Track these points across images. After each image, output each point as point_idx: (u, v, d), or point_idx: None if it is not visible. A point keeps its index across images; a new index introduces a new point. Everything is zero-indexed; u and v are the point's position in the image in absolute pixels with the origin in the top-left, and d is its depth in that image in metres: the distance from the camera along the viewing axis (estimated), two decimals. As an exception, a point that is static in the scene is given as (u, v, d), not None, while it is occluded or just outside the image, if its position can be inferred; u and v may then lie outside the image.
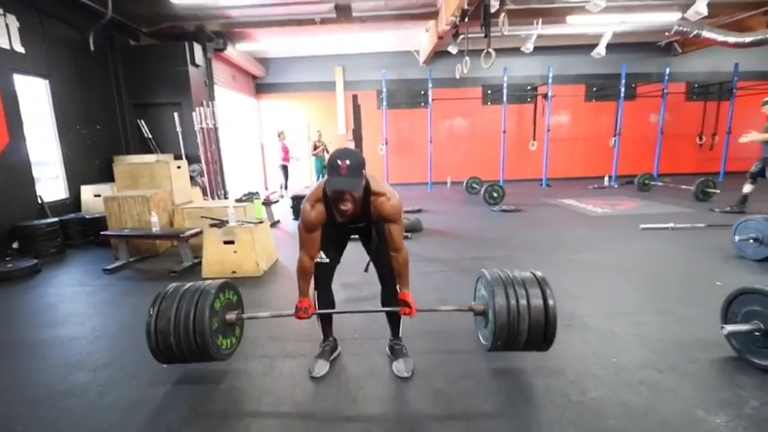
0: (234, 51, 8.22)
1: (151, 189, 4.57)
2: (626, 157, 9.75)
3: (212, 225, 3.59)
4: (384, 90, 9.16)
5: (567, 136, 10.40)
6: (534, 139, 9.83)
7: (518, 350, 1.84)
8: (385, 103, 9.20)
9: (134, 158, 6.10)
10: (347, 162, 1.56)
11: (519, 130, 10.27)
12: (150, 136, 6.65)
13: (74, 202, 5.47)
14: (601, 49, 8.28)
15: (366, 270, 2.10)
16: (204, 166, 6.44)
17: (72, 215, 5.02)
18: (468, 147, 10.58)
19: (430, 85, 9.01)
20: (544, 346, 1.82)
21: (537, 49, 8.30)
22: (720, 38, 7.85)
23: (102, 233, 4.08)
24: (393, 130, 9.97)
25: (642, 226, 5.07)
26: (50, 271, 3.99)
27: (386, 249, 1.87)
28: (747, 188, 5.76)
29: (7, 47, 4.56)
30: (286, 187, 9.10)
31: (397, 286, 1.93)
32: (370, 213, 1.78)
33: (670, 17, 7.59)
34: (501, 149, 9.28)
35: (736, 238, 3.72)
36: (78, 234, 4.90)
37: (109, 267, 3.84)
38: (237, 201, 4.36)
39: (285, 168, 9.12)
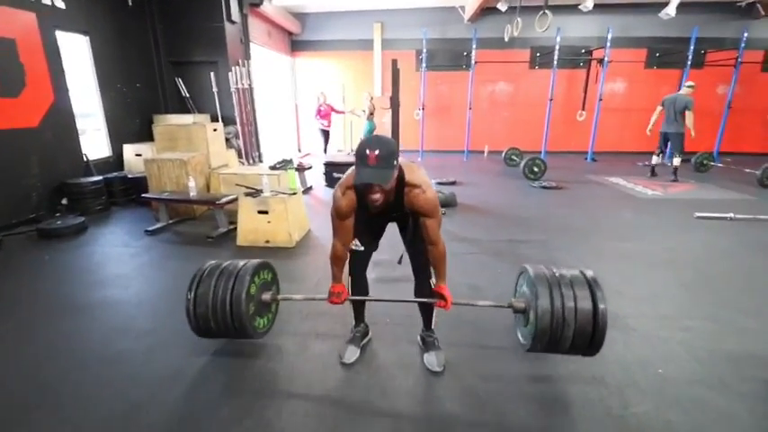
0: (270, 6, 7.93)
1: (188, 152, 4.62)
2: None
3: (247, 194, 3.60)
4: (424, 50, 8.67)
5: (620, 106, 9.60)
6: (583, 109, 9.14)
7: (560, 353, 1.76)
8: (424, 64, 8.73)
9: (172, 119, 6.16)
10: (376, 152, 1.43)
11: (567, 97, 9.55)
12: (188, 95, 6.67)
13: (117, 160, 5.65)
14: (671, 9, 7.35)
15: (399, 262, 2.03)
16: (239, 128, 6.43)
17: (115, 174, 5.19)
18: (509, 114, 10.00)
19: (474, 46, 8.43)
20: (589, 352, 1.71)
21: (596, 7, 7.48)
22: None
23: (142, 195, 4.19)
24: (431, 93, 9.53)
25: (697, 214, 4.61)
26: (96, 229, 4.19)
27: (421, 240, 1.78)
28: None
29: (49, 2, 4.56)
30: (325, 151, 8.90)
31: (436, 280, 1.84)
32: (404, 205, 1.68)
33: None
34: (546, 119, 8.73)
35: (810, 237, 3.36)
36: (121, 192, 5.08)
37: (150, 229, 3.98)
38: (272, 168, 4.34)
39: (325, 133, 8.75)
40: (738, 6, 8.77)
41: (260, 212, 3.59)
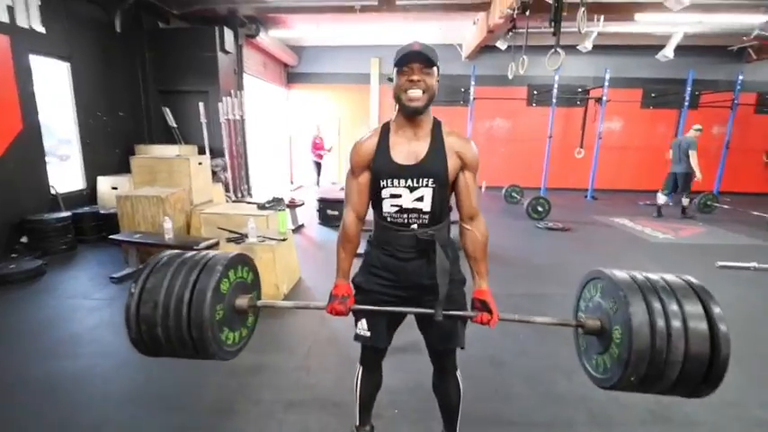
0: (266, 38, 7.78)
1: (169, 187, 4.19)
2: (683, 172, 8.85)
3: (230, 240, 3.16)
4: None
5: (616, 144, 9.54)
6: (582, 146, 9.03)
7: (657, 392, 1.20)
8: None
9: (156, 150, 5.76)
10: (420, 42, 1.22)
11: (564, 135, 9.46)
12: (175, 125, 6.32)
13: (90, 193, 5.18)
14: (668, 52, 7.40)
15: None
16: (228, 161, 6.06)
17: (87, 208, 4.71)
18: (507, 150, 9.86)
19: (473, 83, 8.34)
20: (702, 390, 1.16)
21: (593, 48, 7.49)
22: (811, 44, 6.89)
23: (110, 237, 3.71)
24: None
25: (719, 263, 4.33)
26: (56, 273, 3.67)
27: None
28: None
29: (26, 26, 4.23)
30: (318, 183, 8.70)
31: (475, 280, 1.35)
32: (443, 152, 1.29)
33: (754, 19, 6.67)
34: (545, 155, 8.55)
35: None
36: (92, 229, 4.59)
37: (117, 276, 3.48)
38: (260, 207, 3.93)
39: (319, 166, 8.79)
40: (730, 51, 8.92)
41: (244, 261, 3.14)
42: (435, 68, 1.24)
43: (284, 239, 3.26)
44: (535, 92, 9.40)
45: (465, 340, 1.42)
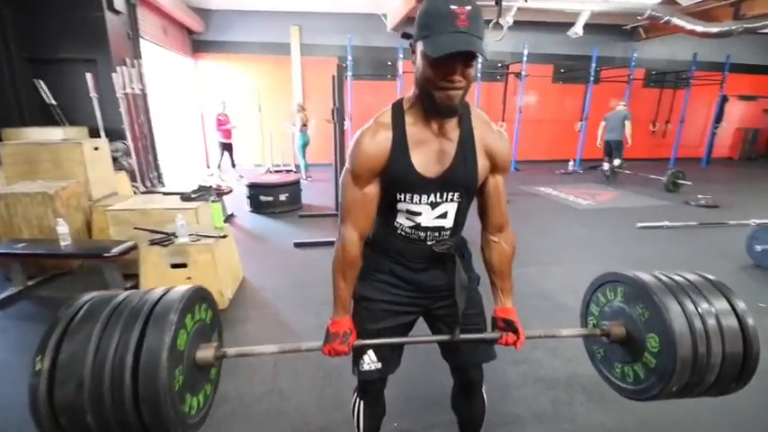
0: (164, -3, 6.62)
1: (56, 180, 3.34)
2: (589, 141, 9.73)
3: (153, 242, 2.59)
4: (349, 57, 8.10)
5: (533, 118, 10.11)
6: (503, 120, 9.43)
7: (691, 397, 1.13)
8: (350, 72, 8.15)
9: (30, 134, 4.60)
10: (468, 7, 0.82)
11: (487, 110, 9.75)
12: (55, 102, 5.11)
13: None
14: (578, 29, 7.87)
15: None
16: (131, 144, 5.12)
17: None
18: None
19: (400, 56, 8.10)
20: (733, 388, 1.13)
21: (511, 24, 7.69)
22: (689, 26, 7.82)
23: (-20, 249, 2.85)
24: (357, 104, 8.97)
25: (639, 225, 4.82)
26: None
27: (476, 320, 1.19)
28: None
29: None
30: (220, 166, 7.53)
31: (498, 297, 1.18)
32: (473, 152, 1.02)
33: (648, 0, 7.37)
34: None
35: (758, 247, 3.51)
36: (-52, 240, 3.53)
37: (-5, 299, 2.70)
38: (185, 198, 3.32)
39: (226, 147, 7.56)
40: (624, 29, 9.85)
41: (174, 266, 2.61)
42: None
43: (224, 236, 2.77)
44: (459, 66, 9.46)
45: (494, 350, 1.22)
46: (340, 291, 1.11)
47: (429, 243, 1.10)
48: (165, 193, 4.03)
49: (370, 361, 1.17)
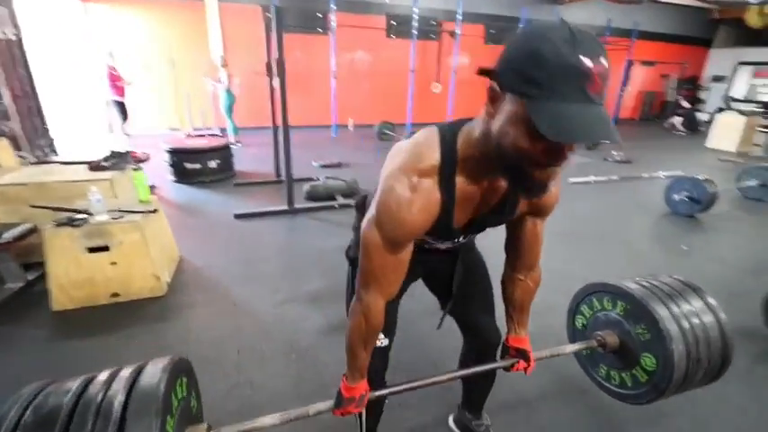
0: None
1: None
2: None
3: (61, 223, 2.08)
4: (273, 6, 7.26)
5: (465, 78, 10.19)
6: (438, 81, 9.36)
7: (685, 390, 1.25)
8: (275, 23, 7.35)
9: None
10: (604, 61, 0.57)
11: (421, 70, 9.59)
12: None
13: None
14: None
15: (440, 326, 1.23)
16: (10, 104, 4.13)
17: None
18: (371, 85, 9.51)
19: (333, 7, 7.47)
20: (715, 378, 1.27)
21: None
22: (607, -10, 8.25)
23: None
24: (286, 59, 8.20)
25: (571, 180, 5.14)
26: None
27: (483, 270, 1.21)
28: None
29: None
30: (112, 129, 6.33)
31: (513, 327, 1.14)
32: (515, 203, 0.88)
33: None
34: (409, 90, 8.61)
35: (675, 197, 3.90)
36: None
37: None
38: (94, 168, 2.73)
39: (120, 105, 6.24)
40: (549, -8, 10.14)
41: (92, 250, 2.14)
42: None
43: (154, 210, 2.33)
44: (393, 22, 9.07)
45: None
46: (360, 359, 0.96)
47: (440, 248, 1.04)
48: (64, 163, 3.32)
49: (381, 338, 1.10)
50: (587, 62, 0.54)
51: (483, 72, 0.66)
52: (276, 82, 3.95)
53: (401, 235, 0.79)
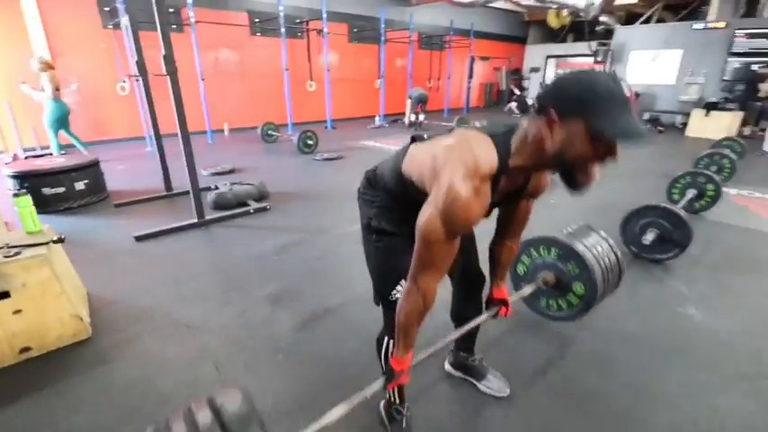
0: None
1: None
2: (389, 97, 10.83)
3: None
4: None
5: (338, 76, 10.44)
6: (312, 79, 9.39)
7: (601, 301, 1.67)
8: (124, 18, 6.38)
9: None
10: (629, 92, 0.81)
11: (293, 69, 9.47)
12: None
13: None
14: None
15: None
16: None
17: None
18: (242, 86, 8.99)
19: (189, 1, 6.81)
20: (618, 284, 1.76)
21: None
22: (447, -6, 9.38)
23: None
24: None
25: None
26: None
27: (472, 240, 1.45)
28: None
29: None
30: None
31: (497, 282, 1.40)
32: (528, 184, 1.10)
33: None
34: (285, 90, 8.45)
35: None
36: None
37: None
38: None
39: None
40: (399, -5, 11.02)
41: (-17, 300, 1.69)
42: None
43: (60, 239, 1.93)
44: (257, 19, 8.73)
45: None
46: (411, 336, 1.09)
47: None
48: None
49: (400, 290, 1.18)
50: (627, 92, 0.79)
51: (541, 109, 0.86)
52: (165, 82, 3.54)
53: (462, 229, 0.94)
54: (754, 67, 8.11)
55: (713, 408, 1.56)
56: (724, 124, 7.86)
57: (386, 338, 1.27)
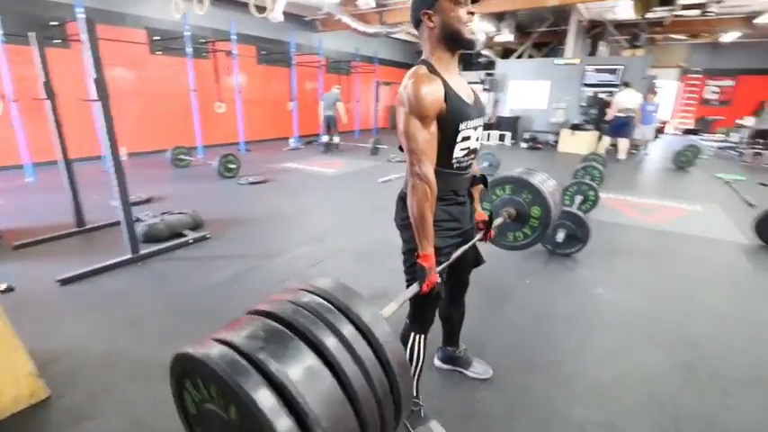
0: None
1: None
2: (303, 119, 10.89)
3: None
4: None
5: (249, 98, 10.18)
6: (221, 101, 9.05)
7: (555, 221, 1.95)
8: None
9: None
10: None
11: (201, 89, 8.99)
12: None
13: None
14: (278, 14, 8.45)
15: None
16: None
17: None
18: (141, 107, 8.23)
19: (81, 13, 6.11)
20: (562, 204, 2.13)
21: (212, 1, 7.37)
22: (353, 25, 9.95)
23: None
24: (15, 78, 6.17)
25: (380, 180, 6.20)
26: None
27: None
28: None
29: None
30: None
31: (477, 207, 1.61)
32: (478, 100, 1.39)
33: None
34: (193, 111, 8.01)
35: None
36: None
37: None
38: None
39: None
40: (304, 20, 11.27)
41: None
42: None
43: (9, 288, 1.70)
44: (156, 37, 8.16)
45: None
46: (428, 225, 1.23)
47: (467, 169, 1.39)
48: None
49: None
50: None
51: (417, 22, 1.27)
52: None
53: (430, 108, 1.16)
54: (602, 95, 10.16)
55: (634, 361, 2.06)
56: (586, 141, 9.67)
57: (411, 334, 1.44)
